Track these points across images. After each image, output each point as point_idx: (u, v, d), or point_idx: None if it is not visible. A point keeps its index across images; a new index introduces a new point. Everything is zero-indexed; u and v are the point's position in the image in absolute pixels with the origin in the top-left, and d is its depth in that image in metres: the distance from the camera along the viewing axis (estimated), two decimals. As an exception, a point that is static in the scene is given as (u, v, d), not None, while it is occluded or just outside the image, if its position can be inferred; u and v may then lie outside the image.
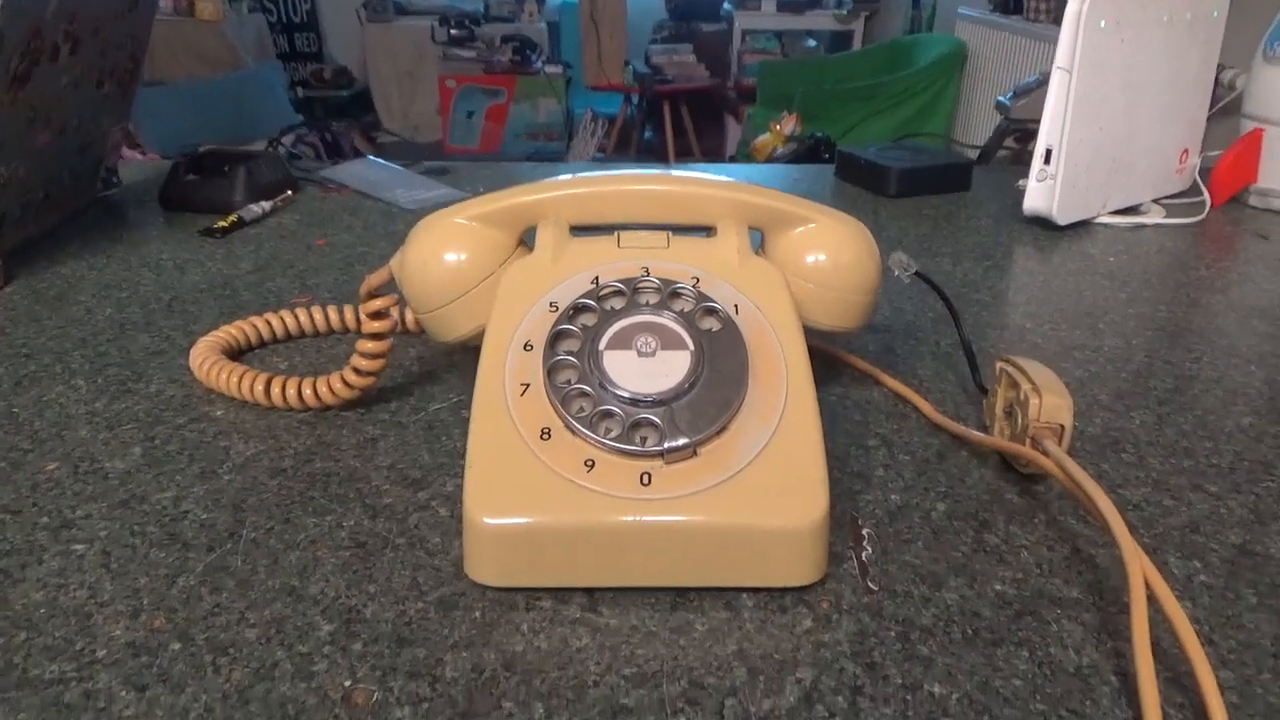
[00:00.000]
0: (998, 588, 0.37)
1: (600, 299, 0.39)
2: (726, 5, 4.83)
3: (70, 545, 0.39)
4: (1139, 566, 0.34)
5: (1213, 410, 0.51)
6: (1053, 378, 0.43)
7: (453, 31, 4.84)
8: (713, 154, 4.39)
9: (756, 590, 0.36)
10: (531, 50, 4.76)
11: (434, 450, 0.46)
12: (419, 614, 0.35)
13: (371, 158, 0.97)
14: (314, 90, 5.07)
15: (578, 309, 0.39)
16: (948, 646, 0.34)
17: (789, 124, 2.80)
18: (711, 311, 0.39)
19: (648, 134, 4.59)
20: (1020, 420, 0.43)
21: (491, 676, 0.32)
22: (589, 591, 0.36)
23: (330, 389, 0.49)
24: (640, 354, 0.38)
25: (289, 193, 0.86)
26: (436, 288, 0.45)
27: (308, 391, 0.49)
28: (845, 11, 4.69)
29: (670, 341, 0.38)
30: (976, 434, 0.46)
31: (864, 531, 0.40)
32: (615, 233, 0.43)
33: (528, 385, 0.38)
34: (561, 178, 0.44)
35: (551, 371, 0.38)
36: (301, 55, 5.32)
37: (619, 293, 0.40)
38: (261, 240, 0.76)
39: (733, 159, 4.02)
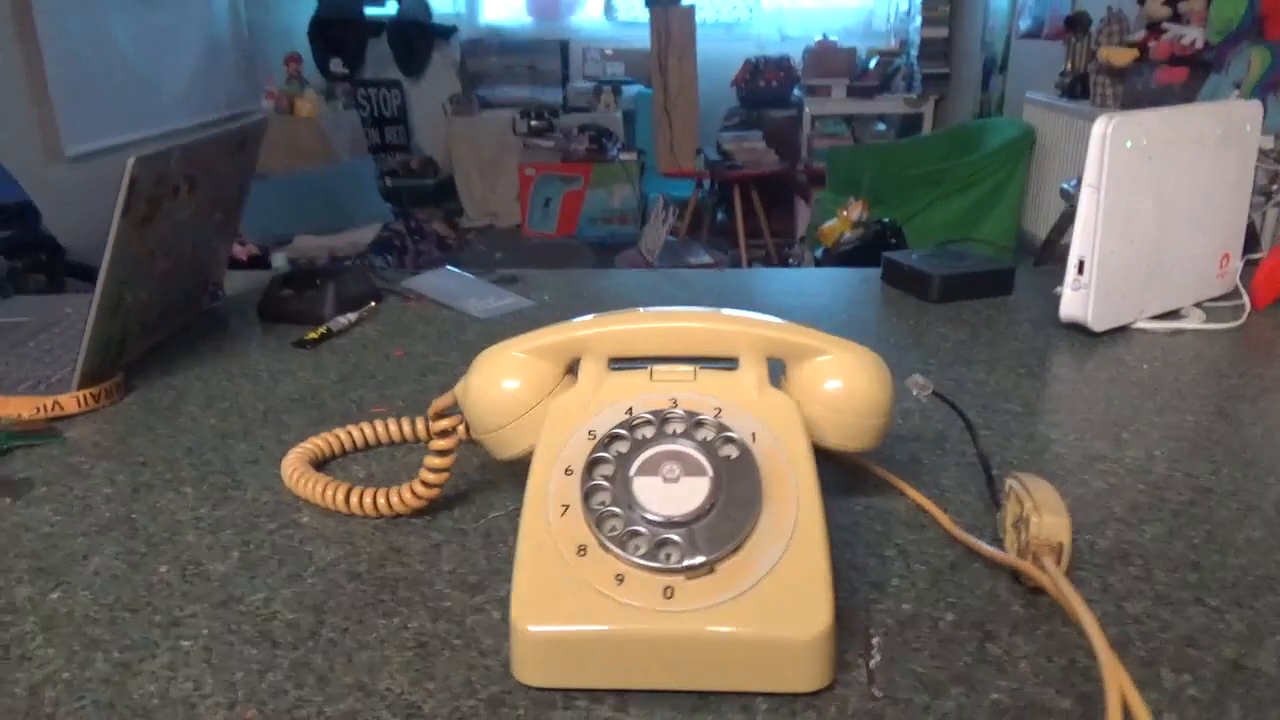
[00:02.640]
0: (994, 696, 0.41)
1: (633, 428, 0.45)
2: (796, 92, 4.95)
3: (179, 641, 0.45)
4: (1116, 680, 0.37)
5: (1224, 523, 0.54)
6: (1054, 496, 0.47)
7: (533, 123, 5.08)
8: (782, 234, 4.46)
9: (769, 695, 0.41)
10: (607, 139, 4.95)
11: (490, 557, 0.52)
12: (470, 710, 0.40)
13: (449, 268, 1.05)
14: (401, 180, 5.35)
15: (613, 437, 0.45)
16: (940, 753, 0.37)
17: (856, 210, 2.86)
18: (730, 440, 0.44)
19: (719, 216, 4.70)
20: (1024, 537, 0.47)
21: (530, 769, 0.37)
22: (619, 693, 0.41)
23: (401, 499, 0.55)
24: (665, 480, 0.43)
25: (373, 304, 0.94)
26: (494, 412, 0.51)
27: (381, 501, 0.55)
28: (915, 96, 4.77)
29: (692, 468, 0.43)
30: (988, 549, 0.50)
31: (874, 640, 0.44)
32: (649, 367, 0.48)
33: (567, 506, 0.43)
34: (605, 314, 0.50)
35: (588, 494, 0.43)
36: (391, 147, 5.63)
37: (649, 422, 0.45)
38: (346, 351, 0.84)
39: (802, 240, 4.09)
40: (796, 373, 0.50)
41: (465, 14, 5.69)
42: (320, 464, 0.62)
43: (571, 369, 0.51)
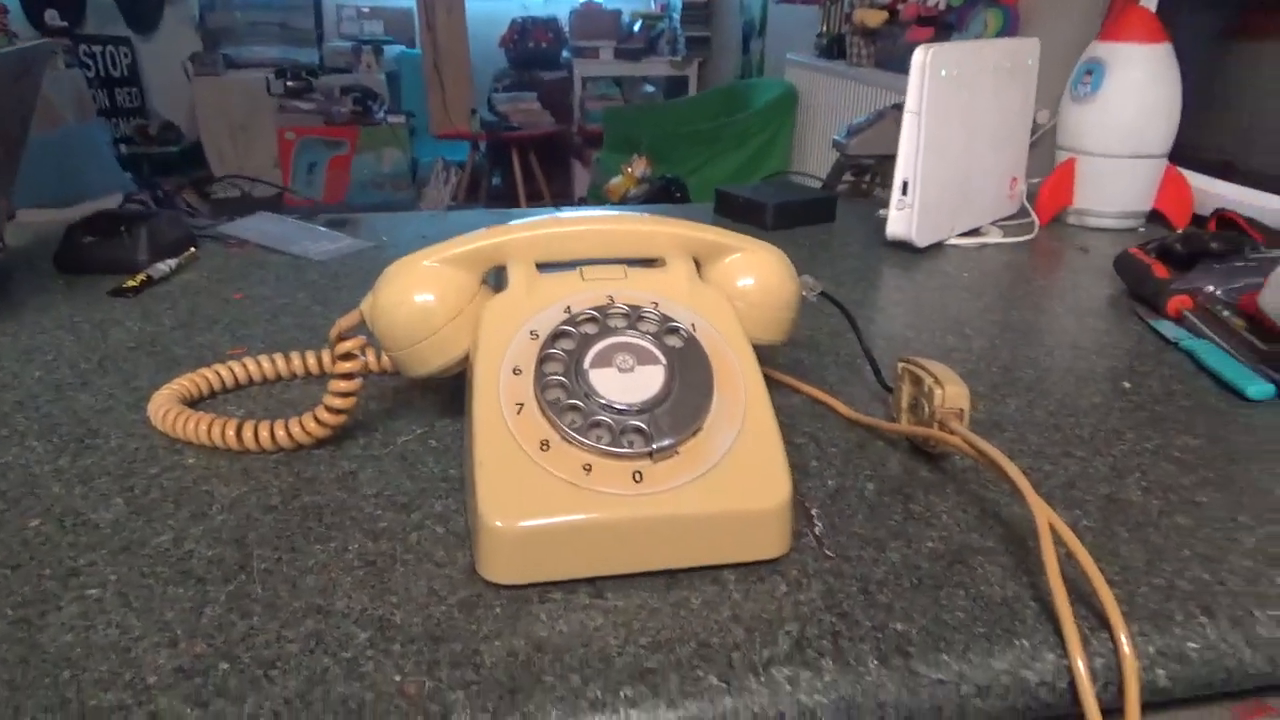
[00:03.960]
0: (930, 545, 0.44)
1: (576, 325, 0.45)
2: (566, 53, 4.96)
3: (84, 591, 0.41)
4: (1043, 511, 0.42)
5: (1069, 392, 0.61)
6: (950, 371, 0.51)
7: (289, 84, 4.76)
8: (562, 197, 4.48)
9: (736, 566, 0.42)
10: (373, 100, 4.73)
11: (414, 477, 0.50)
12: (445, 615, 0.39)
13: (268, 213, 0.98)
14: (139, 147, 4.86)
15: (557, 335, 0.44)
16: (901, 594, 0.41)
17: (640, 166, 2.92)
18: (674, 330, 0.45)
19: (496, 180, 4.63)
20: (926, 409, 0.51)
21: (526, 659, 0.37)
22: (591, 581, 0.41)
23: (304, 428, 0.51)
24: (620, 370, 0.43)
25: (192, 250, 0.87)
26: (409, 327, 0.48)
27: (281, 433, 0.52)
28: (680, 58, 4.91)
29: (645, 358, 0.43)
30: (889, 424, 0.54)
31: (813, 511, 0.47)
32: (577, 268, 0.48)
33: (522, 405, 0.42)
34: (520, 221, 0.49)
35: (544, 390, 0.42)
36: (124, 111, 5.09)
37: (592, 319, 0.45)
38: (175, 298, 0.77)
39: (583, 200, 4.12)
40: (712, 271, 0.51)
41: (201, -36, 5.22)
42: (192, 405, 0.57)
43: (486, 280, 0.50)
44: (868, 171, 1.49)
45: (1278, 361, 0.63)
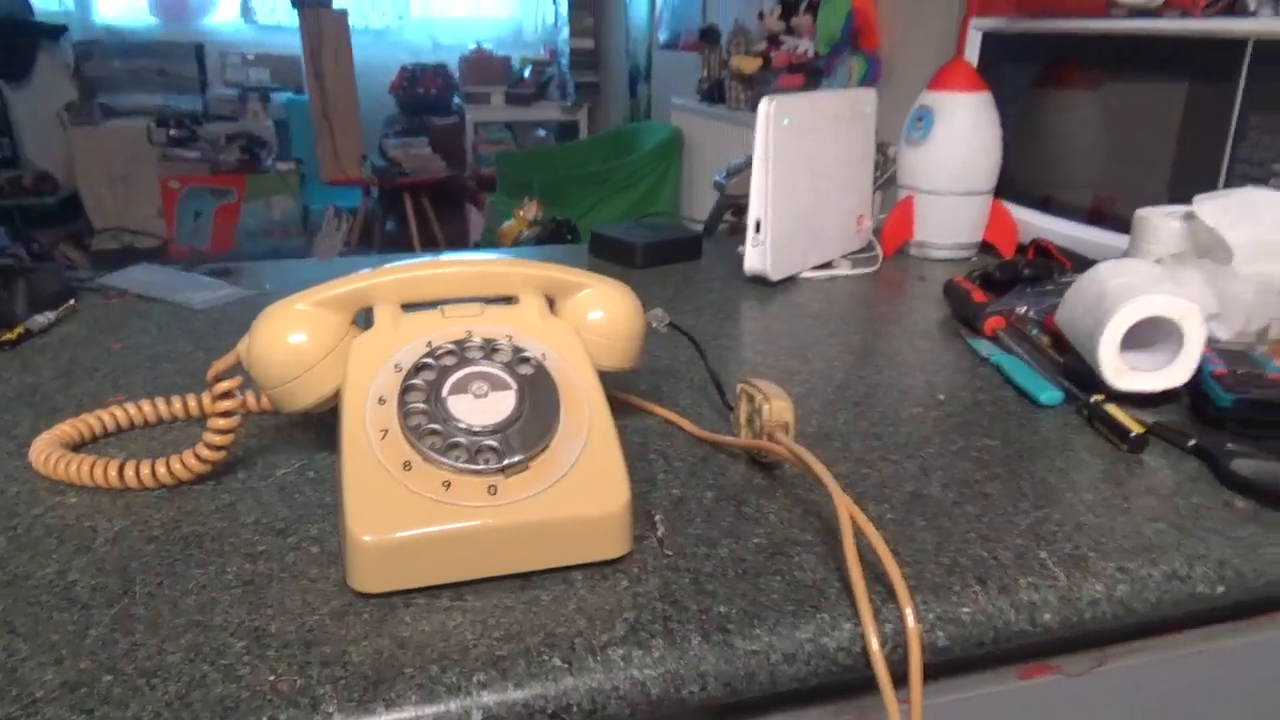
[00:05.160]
0: (756, 540, 0.51)
1: (437, 357, 0.50)
2: (457, 99, 5.01)
3: (-31, 622, 0.43)
4: (844, 504, 0.48)
5: (892, 405, 0.69)
6: (778, 389, 0.58)
7: (172, 132, 4.68)
8: (457, 241, 4.50)
9: (584, 566, 0.48)
10: (261, 148, 4.69)
11: (292, 505, 0.54)
12: (317, 623, 0.43)
13: (148, 264, 1.00)
14: (11, 199, 4.69)
15: (419, 367, 0.49)
16: (726, 582, 0.47)
17: (532, 209, 2.98)
18: (525, 360, 0.51)
19: (390, 226, 4.63)
20: (758, 424, 0.58)
21: (391, 655, 0.41)
22: (453, 586, 0.46)
23: (184, 464, 0.55)
24: (475, 396, 0.48)
25: (70, 302, 0.88)
26: (283, 366, 0.53)
27: (162, 470, 0.55)
28: (570, 103, 5.02)
29: (498, 384, 0.49)
30: (729, 439, 0.60)
31: (656, 518, 0.53)
32: (439, 307, 0.53)
33: (387, 430, 0.47)
34: (388, 265, 0.54)
35: (406, 416, 0.47)
36: (-6, 162, 4.90)
37: (451, 352, 0.50)
38: (54, 349, 0.78)
39: (477, 245, 4.16)
40: (565, 306, 0.57)
41: (76, 12, 5.10)
42: (74, 450, 0.60)
43: (356, 321, 0.54)
44: (746, 211, 1.59)
45: (1070, 371, 0.72)
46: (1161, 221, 0.82)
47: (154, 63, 5.17)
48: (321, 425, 0.64)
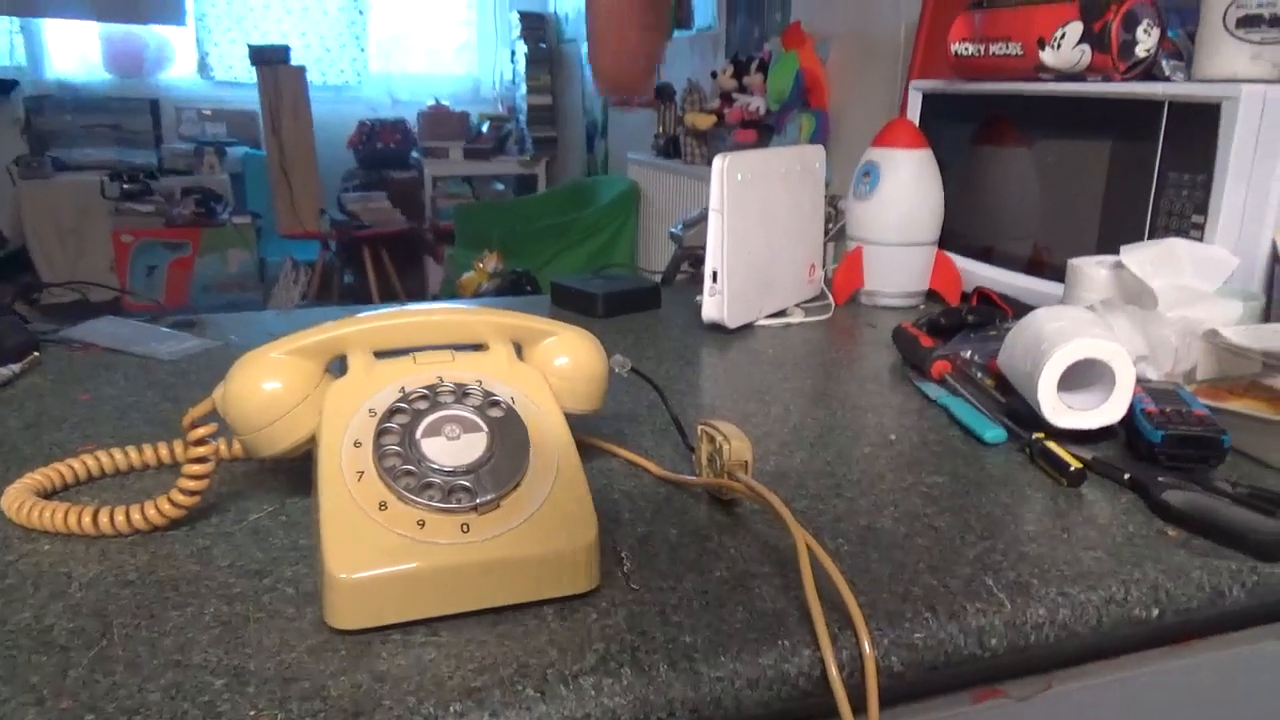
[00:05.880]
0: (718, 574, 0.53)
1: (410, 402, 0.52)
2: (415, 154, 5.05)
3: (-53, 666, 0.44)
4: (802, 537, 0.51)
5: (845, 445, 0.72)
6: (737, 430, 0.61)
7: (125, 186, 4.65)
8: (416, 293, 4.51)
9: (554, 601, 0.49)
10: (216, 202, 4.67)
11: (266, 549, 0.55)
12: (295, 660, 0.45)
13: (112, 316, 1.00)
14: (-43, 253, 4.62)
15: (393, 411, 0.51)
16: (691, 613, 0.49)
17: (492, 261, 3.01)
18: (495, 403, 0.53)
19: (348, 279, 4.63)
20: (719, 463, 0.60)
21: (369, 689, 0.43)
22: (427, 622, 0.47)
23: (158, 510, 0.56)
24: (448, 439, 0.50)
25: (35, 354, 0.89)
26: (259, 412, 0.54)
27: (136, 516, 0.56)
28: (528, 158, 5.09)
29: (469, 427, 0.51)
30: (691, 479, 0.63)
31: (623, 554, 0.55)
32: (411, 354, 0.55)
33: (363, 473, 0.49)
34: (360, 314, 0.56)
35: (381, 459, 0.49)
36: (-60, 216, 4.83)
37: (424, 396, 0.52)
38: (20, 400, 0.79)
39: (436, 296, 4.17)
40: (532, 353, 0.59)
41: (27, 66, 5.08)
42: (46, 498, 0.60)
43: (329, 369, 0.56)
44: (703, 262, 1.63)
45: (1012, 411, 0.76)
46: (1092, 270, 0.87)
47: (108, 117, 5.16)
48: (292, 471, 0.65)
